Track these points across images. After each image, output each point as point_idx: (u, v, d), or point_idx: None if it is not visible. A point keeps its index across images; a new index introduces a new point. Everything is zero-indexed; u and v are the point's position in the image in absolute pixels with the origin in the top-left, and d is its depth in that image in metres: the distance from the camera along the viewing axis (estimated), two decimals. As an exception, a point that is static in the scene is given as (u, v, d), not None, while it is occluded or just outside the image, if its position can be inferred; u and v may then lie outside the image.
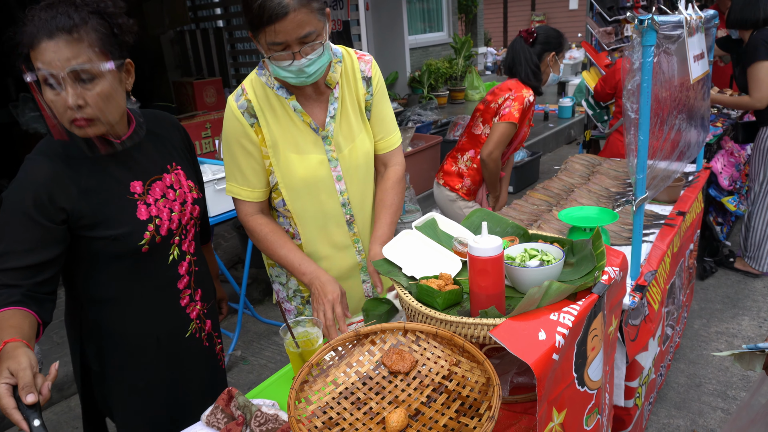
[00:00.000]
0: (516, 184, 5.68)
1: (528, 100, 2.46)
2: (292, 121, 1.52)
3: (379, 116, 1.63)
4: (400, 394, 1.06)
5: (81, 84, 1.14)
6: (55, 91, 1.14)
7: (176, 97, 5.39)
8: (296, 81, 1.40)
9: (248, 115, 1.49)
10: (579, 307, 1.16)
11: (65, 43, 1.12)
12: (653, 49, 1.52)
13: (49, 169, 1.21)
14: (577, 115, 8.10)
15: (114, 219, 1.27)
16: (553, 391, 1.13)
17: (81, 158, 1.25)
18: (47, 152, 1.23)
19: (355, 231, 1.66)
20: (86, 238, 1.27)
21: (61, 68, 1.11)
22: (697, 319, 3.20)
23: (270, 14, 1.27)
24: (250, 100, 1.49)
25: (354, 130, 1.59)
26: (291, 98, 1.50)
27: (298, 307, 1.75)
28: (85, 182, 1.24)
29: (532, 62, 2.52)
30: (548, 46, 2.51)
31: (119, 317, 1.38)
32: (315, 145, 1.54)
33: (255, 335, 3.48)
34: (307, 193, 1.57)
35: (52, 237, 1.21)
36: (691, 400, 2.58)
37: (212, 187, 2.90)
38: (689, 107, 2.11)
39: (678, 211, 2.32)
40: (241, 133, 1.50)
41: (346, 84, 1.56)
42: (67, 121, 1.18)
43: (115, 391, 1.43)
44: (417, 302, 1.22)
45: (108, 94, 1.19)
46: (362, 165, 1.63)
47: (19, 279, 1.16)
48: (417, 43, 9.53)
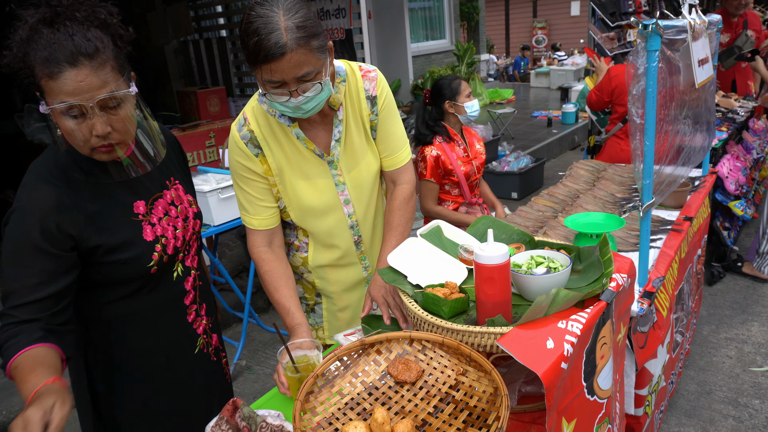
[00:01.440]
0: (520, 190, 5.66)
1: (430, 155, 2.65)
2: (296, 149, 1.49)
3: (385, 134, 1.57)
4: (407, 405, 1.04)
5: (107, 110, 1.09)
6: (76, 120, 1.07)
7: (180, 107, 5.42)
8: (293, 115, 1.37)
9: (252, 146, 1.47)
10: (587, 314, 1.15)
11: (90, 71, 1.04)
12: (658, 54, 1.51)
13: (54, 195, 1.15)
14: (581, 120, 8.09)
15: (122, 242, 1.23)
16: (563, 401, 1.11)
17: (82, 181, 1.20)
18: (47, 177, 1.17)
19: (362, 249, 1.65)
20: (95, 264, 1.22)
21: (90, 98, 1.05)
22: (705, 325, 3.17)
23: (266, 54, 1.21)
24: (253, 130, 1.46)
25: (359, 153, 1.55)
26: (293, 126, 1.46)
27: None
28: (90, 207, 1.19)
29: (423, 117, 2.76)
30: (441, 98, 2.71)
31: (127, 338, 1.34)
32: (321, 171, 1.52)
33: (260, 344, 3.46)
34: (316, 217, 1.56)
35: (64, 266, 1.15)
36: (701, 408, 2.54)
37: (216, 196, 2.90)
38: (694, 111, 2.10)
39: (685, 217, 2.29)
40: (246, 163, 1.48)
41: (350, 104, 1.51)
42: (89, 148, 1.12)
43: (123, 412, 1.39)
44: (423, 311, 1.21)
45: (131, 116, 1.14)
46: (368, 186, 1.59)
47: (35, 313, 1.10)
48: (419, 50, 9.57)
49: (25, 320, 1.09)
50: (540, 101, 10.68)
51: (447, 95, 2.67)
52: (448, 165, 2.64)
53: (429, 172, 2.64)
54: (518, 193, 5.66)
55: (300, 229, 1.62)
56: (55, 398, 0.94)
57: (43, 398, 0.94)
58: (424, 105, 2.78)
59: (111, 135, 1.11)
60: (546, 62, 14.34)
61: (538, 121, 8.69)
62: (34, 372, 1.01)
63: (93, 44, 1.05)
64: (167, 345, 1.39)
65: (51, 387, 0.98)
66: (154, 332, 1.36)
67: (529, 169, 5.76)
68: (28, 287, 1.11)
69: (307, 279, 1.69)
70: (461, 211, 2.74)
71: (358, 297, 1.70)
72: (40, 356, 1.05)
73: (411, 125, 7.06)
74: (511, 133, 7.74)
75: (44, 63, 1.03)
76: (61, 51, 1.02)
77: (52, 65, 1.02)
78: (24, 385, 1.00)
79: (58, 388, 0.98)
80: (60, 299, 1.15)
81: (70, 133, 1.10)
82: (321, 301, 1.71)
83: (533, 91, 12.10)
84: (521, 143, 7.18)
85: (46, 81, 1.04)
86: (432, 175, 2.65)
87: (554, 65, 12.59)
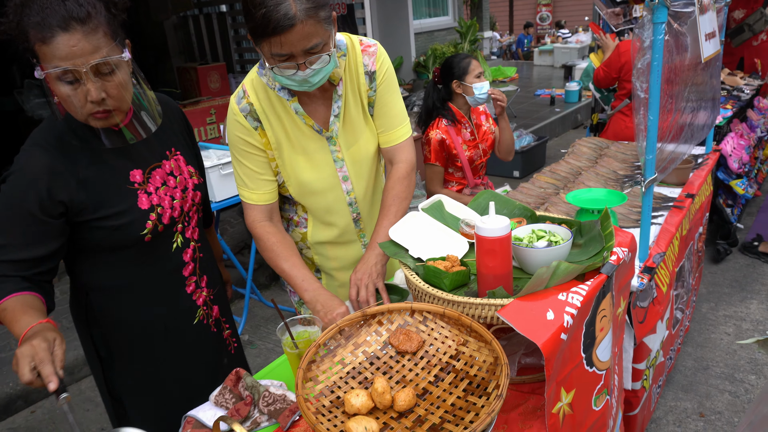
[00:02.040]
0: (522, 168, 5.64)
1: (434, 139, 2.60)
2: (295, 123, 1.48)
3: (383, 109, 1.54)
4: (408, 374, 1.06)
5: (101, 76, 1.10)
6: (72, 86, 1.09)
7: (180, 83, 5.37)
8: (299, 89, 1.36)
9: (251, 119, 1.45)
10: (587, 287, 1.15)
11: (83, 36, 1.05)
12: (664, 27, 1.49)
13: (47, 161, 1.18)
14: (584, 99, 8.02)
15: (115, 210, 1.25)
16: (562, 371, 1.13)
17: (78, 148, 1.22)
18: (42, 143, 1.19)
19: (361, 227, 1.65)
20: (87, 229, 1.25)
21: (83, 63, 1.06)
22: (705, 303, 3.19)
23: (275, 25, 1.19)
24: (252, 103, 1.45)
25: (358, 129, 1.53)
26: (293, 100, 1.45)
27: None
28: (84, 173, 1.21)
29: (431, 98, 2.70)
30: (450, 77, 2.63)
31: (124, 305, 1.37)
32: (320, 146, 1.51)
33: (262, 320, 3.50)
34: (314, 193, 1.55)
35: (50, 232, 1.19)
36: (698, 383, 2.57)
37: (217, 172, 2.90)
38: (699, 87, 2.08)
39: (687, 194, 2.29)
40: (245, 137, 1.46)
41: (349, 79, 1.49)
42: (85, 114, 1.14)
43: (123, 376, 1.43)
44: (424, 283, 1.22)
45: (126, 83, 1.16)
46: (367, 163, 1.58)
47: (18, 270, 1.16)
48: (422, 27, 9.44)
49: (7, 275, 1.14)
50: (543, 79, 10.58)
51: (456, 74, 2.58)
52: (453, 149, 2.60)
53: (433, 156, 2.61)
54: (520, 172, 5.64)
55: (299, 205, 1.62)
56: (54, 334, 1.01)
57: (44, 333, 1.00)
58: (433, 83, 2.69)
59: (106, 101, 1.13)
60: (550, 40, 14.15)
61: (541, 99, 8.61)
62: (26, 313, 1.07)
63: (85, 9, 1.06)
64: (165, 315, 1.41)
65: (46, 325, 1.04)
66: (152, 301, 1.39)
67: (531, 148, 5.73)
68: (14, 246, 1.16)
69: (306, 255, 1.69)
70: (465, 193, 2.73)
71: None
72: (28, 301, 1.11)
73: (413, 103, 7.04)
74: (514, 112, 7.68)
75: (37, 27, 1.04)
76: (53, 16, 1.04)
77: (44, 30, 1.04)
78: (16, 324, 1.05)
79: (53, 327, 1.04)
80: (42, 262, 1.19)
81: (65, 99, 1.11)
82: (320, 277, 1.72)
83: (536, 69, 11.97)
84: (524, 122, 7.13)
85: (40, 46, 1.05)
86: (437, 159, 2.61)
87: (558, 43, 12.43)
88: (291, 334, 1.29)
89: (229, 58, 6.08)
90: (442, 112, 2.63)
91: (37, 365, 0.95)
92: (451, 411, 0.96)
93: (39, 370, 0.95)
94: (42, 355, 0.96)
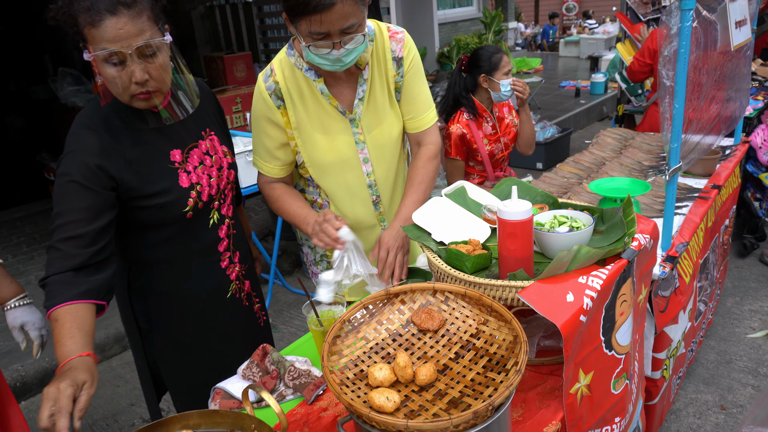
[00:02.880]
0: (546, 160, 5.60)
1: (456, 133, 2.56)
2: (320, 104, 1.52)
3: (410, 95, 1.58)
4: (429, 351, 1.09)
5: (144, 58, 1.17)
6: (117, 68, 1.16)
7: (207, 72, 5.46)
8: (331, 68, 1.39)
9: (275, 97, 1.50)
10: (608, 271, 1.17)
11: (128, 19, 1.12)
12: (692, 13, 1.48)
13: (97, 141, 1.24)
14: (610, 91, 7.90)
15: (159, 188, 1.31)
16: (580, 353, 1.15)
17: (121, 129, 1.28)
18: (90, 125, 1.26)
19: (381, 211, 1.68)
20: (135, 208, 1.31)
21: (128, 46, 1.13)
22: (730, 297, 3.15)
23: (316, 4, 1.23)
24: (278, 81, 1.49)
25: (382, 113, 1.57)
26: (319, 81, 1.49)
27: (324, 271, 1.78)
28: (130, 153, 1.28)
29: (457, 87, 2.62)
30: (477, 69, 2.55)
31: (164, 279, 1.44)
32: (342, 128, 1.55)
33: (285, 305, 3.57)
34: (334, 173, 1.59)
35: (103, 203, 1.23)
36: (720, 377, 2.55)
37: (243, 158, 2.96)
38: (728, 76, 2.05)
39: (713, 185, 2.27)
40: (267, 113, 1.52)
41: (376, 64, 1.52)
42: (128, 96, 1.20)
43: (162, 347, 1.50)
44: (446, 265, 1.25)
45: (167, 65, 1.22)
46: (389, 147, 1.61)
47: (80, 247, 1.19)
48: (446, 18, 9.38)
49: (70, 254, 1.18)
50: (569, 71, 10.43)
51: (484, 68, 2.50)
52: (473, 144, 2.56)
53: (454, 150, 2.57)
54: (543, 164, 5.60)
55: (322, 188, 1.66)
56: (86, 377, 1.01)
57: (76, 373, 1.01)
58: (459, 71, 2.62)
59: (148, 82, 1.19)
60: (576, 30, 13.92)
61: (566, 91, 8.50)
62: (71, 337, 1.08)
63: None
64: (201, 288, 1.47)
65: (84, 361, 1.05)
66: (189, 276, 1.45)
67: (554, 140, 5.68)
68: (73, 222, 1.20)
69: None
70: (486, 186, 2.72)
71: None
72: (78, 316, 1.13)
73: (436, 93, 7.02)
74: (538, 103, 7.61)
75: (86, 12, 1.11)
76: (102, 1, 1.11)
77: (93, 14, 1.11)
78: (59, 348, 1.08)
79: (90, 364, 1.05)
80: (101, 236, 1.23)
81: (111, 80, 1.18)
82: None
83: (562, 60, 11.81)
84: (548, 113, 7.06)
85: (89, 29, 1.12)
86: (457, 153, 2.57)
87: (584, 33, 12.22)
88: (316, 312, 1.33)
89: (255, 47, 6.15)
90: (465, 103, 2.58)
91: (55, 414, 0.93)
92: (470, 386, 0.99)
93: (55, 420, 0.93)
94: (63, 403, 0.94)
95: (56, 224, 1.20)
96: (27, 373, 2.86)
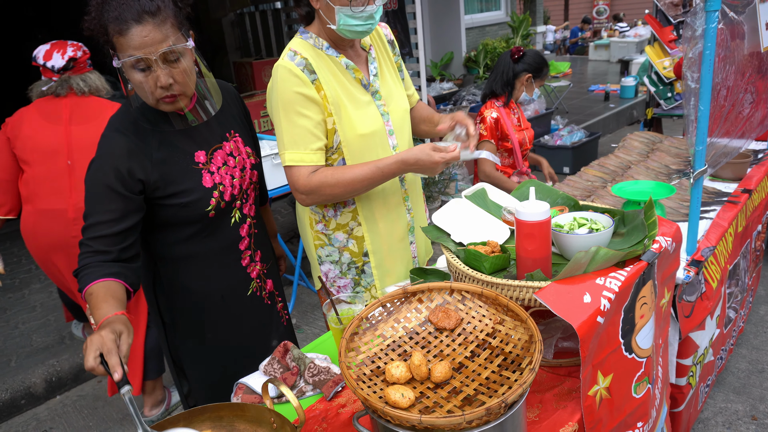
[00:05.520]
0: (573, 165, 5.53)
1: (491, 117, 2.70)
2: (347, 78, 1.59)
3: (407, 75, 1.81)
4: (445, 349, 1.10)
5: (169, 63, 1.23)
6: (144, 73, 1.23)
7: (236, 78, 5.58)
8: (362, 28, 1.48)
9: (308, 72, 1.50)
10: (626, 273, 1.16)
11: (153, 27, 1.19)
12: (717, 15, 1.46)
13: (126, 144, 1.31)
14: (641, 95, 7.76)
15: (183, 188, 1.37)
16: (598, 355, 1.14)
17: (149, 131, 1.35)
18: (120, 129, 1.33)
19: (405, 188, 1.73)
20: (159, 206, 1.38)
21: (153, 52, 1.19)
22: (763, 305, 3.06)
23: None
24: (306, 58, 1.50)
25: (393, 88, 1.69)
26: (341, 56, 1.57)
27: (355, 278, 1.76)
28: (156, 154, 1.34)
29: (507, 74, 2.78)
30: (528, 67, 2.74)
31: (187, 275, 1.49)
32: (368, 101, 1.62)
33: (309, 306, 3.61)
34: (367, 149, 1.60)
35: (132, 206, 1.31)
36: (752, 386, 2.48)
37: (270, 161, 3.02)
38: (758, 79, 2.01)
39: (743, 189, 2.22)
40: (302, 89, 1.47)
41: (376, 47, 1.67)
42: (155, 99, 1.27)
43: (184, 342, 1.55)
44: (464, 265, 1.26)
45: (191, 69, 1.28)
46: (405, 119, 1.73)
47: (109, 245, 1.27)
48: (473, 22, 9.36)
49: (100, 251, 1.26)
50: (598, 75, 10.28)
51: (533, 69, 2.72)
52: (506, 129, 2.71)
53: (489, 133, 2.71)
54: (570, 168, 5.54)
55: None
56: (122, 327, 1.09)
57: (114, 325, 1.08)
58: (511, 60, 2.79)
59: (173, 86, 1.25)
60: (606, 34, 13.70)
61: (595, 95, 8.39)
62: (106, 301, 1.16)
63: (155, 3, 1.19)
64: (222, 285, 1.52)
65: (120, 317, 1.13)
66: (211, 273, 1.50)
67: (582, 144, 5.61)
68: (103, 222, 1.27)
69: (356, 235, 1.73)
70: (513, 180, 2.77)
71: (403, 247, 1.75)
72: (111, 288, 1.21)
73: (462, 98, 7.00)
74: (566, 107, 7.53)
75: (115, 22, 1.18)
76: (129, 10, 1.17)
77: (121, 23, 1.17)
78: (97, 311, 1.15)
79: (125, 320, 1.13)
80: (128, 235, 1.30)
81: (138, 86, 1.25)
82: (369, 260, 1.77)
83: (591, 64, 11.64)
84: (576, 117, 6.98)
85: (117, 38, 1.19)
86: (491, 136, 2.71)
87: (615, 37, 12.03)
88: (336, 310, 1.36)
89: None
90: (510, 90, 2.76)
91: (105, 354, 1.01)
92: (485, 384, 1.00)
93: (106, 360, 1.00)
94: (109, 346, 1.01)
95: (87, 223, 1.28)
96: (62, 368, 2.97)
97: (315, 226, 1.71)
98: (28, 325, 3.41)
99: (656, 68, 3.99)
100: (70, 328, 3.30)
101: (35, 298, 3.76)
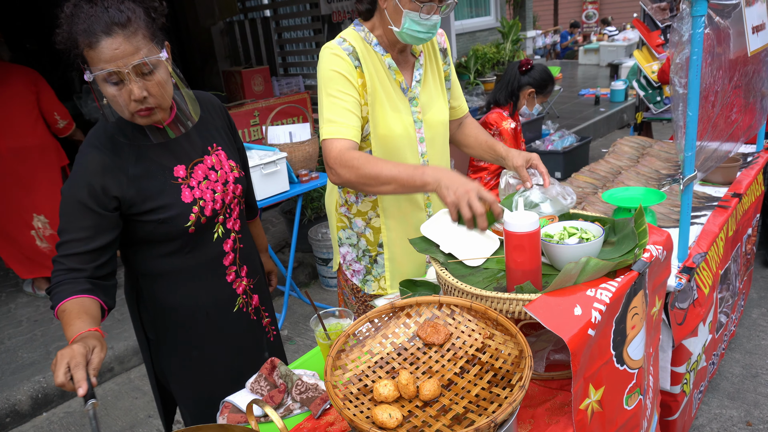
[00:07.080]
0: (564, 169, 5.53)
1: (510, 127, 2.79)
2: (388, 78, 1.60)
3: (455, 84, 1.79)
4: (434, 365, 1.08)
5: (142, 76, 1.19)
6: (117, 87, 1.19)
7: (226, 86, 5.54)
8: (424, 35, 1.50)
9: (353, 58, 1.53)
10: (617, 284, 1.15)
11: (124, 39, 1.15)
12: (704, 20, 1.45)
13: (101, 160, 1.28)
14: (630, 98, 7.80)
15: (161, 203, 1.33)
16: (590, 368, 1.12)
17: (127, 146, 1.32)
18: (96, 144, 1.30)
19: (428, 195, 1.72)
20: (137, 222, 1.34)
21: (125, 65, 1.15)
22: (755, 308, 3.05)
23: None
24: (354, 46, 1.54)
25: (434, 97, 1.69)
26: (387, 56, 1.59)
27: (367, 266, 1.77)
28: (133, 170, 1.31)
29: (512, 84, 2.85)
30: (533, 82, 2.81)
31: (170, 292, 1.45)
32: (404, 105, 1.62)
33: (301, 317, 3.58)
34: (393, 149, 1.61)
35: (106, 224, 1.28)
36: (746, 391, 2.47)
37: (259, 171, 2.99)
38: (746, 82, 2.01)
39: (733, 193, 2.21)
40: (346, 70, 1.50)
41: (427, 54, 1.68)
42: (130, 113, 1.23)
43: (169, 359, 1.51)
44: (453, 278, 1.24)
45: (165, 82, 1.25)
46: (441, 131, 1.72)
47: (82, 263, 1.24)
48: (464, 28, 9.39)
49: (73, 268, 1.23)
50: (588, 79, 10.33)
51: (537, 84, 2.77)
52: (520, 137, 2.80)
53: (510, 142, 2.78)
54: (562, 173, 5.53)
55: None
56: (96, 342, 1.07)
57: (87, 340, 1.07)
58: (518, 71, 2.82)
59: (148, 99, 1.22)
60: (596, 38, 13.79)
61: (585, 99, 8.42)
62: (80, 317, 1.14)
63: (125, 15, 1.16)
64: (207, 302, 1.49)
65: (93, 333, 1.11)
66: (195, 289, 1.46)
67: (573, 148, 5.60)
68: (76, 240, 1.25)
69: (373, 225, 1.72)
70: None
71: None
72: (85, 305, 1.19)
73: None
74: (557, 112, 7.55)
75: (84, 34, 1.14)
76: (98, 22, 1.14)
77: (90, 36, 1.14)
78: (69, 327, 1.13)
79: (99, 336, 1.11)
80: (102, 253, 1.28)
81: (112, 99, 1.21)
82: (383, 251, 1.75)
83: (581, 68, 11.71)
84: (567, 122, 7.00)
85: (88, 51, 1.16)
86: (513, 146, 2.78)
87: (604, 41, 12.11)
88: (323, 325, 1.33)
89: (273, 61, 6.23)
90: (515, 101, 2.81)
91: (71, 368, 0.98)
92: (475, 401, 0.97)
93: (72, 374, 0.98)
94: (78, 360, 0.99)
95: (61, 240, 1.26)
96: (49, 385, 2.92)
97: (339, 209, 1.76)
98: (14, 341, 3.35)
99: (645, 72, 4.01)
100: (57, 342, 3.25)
101: (21, 312, 3.70)
